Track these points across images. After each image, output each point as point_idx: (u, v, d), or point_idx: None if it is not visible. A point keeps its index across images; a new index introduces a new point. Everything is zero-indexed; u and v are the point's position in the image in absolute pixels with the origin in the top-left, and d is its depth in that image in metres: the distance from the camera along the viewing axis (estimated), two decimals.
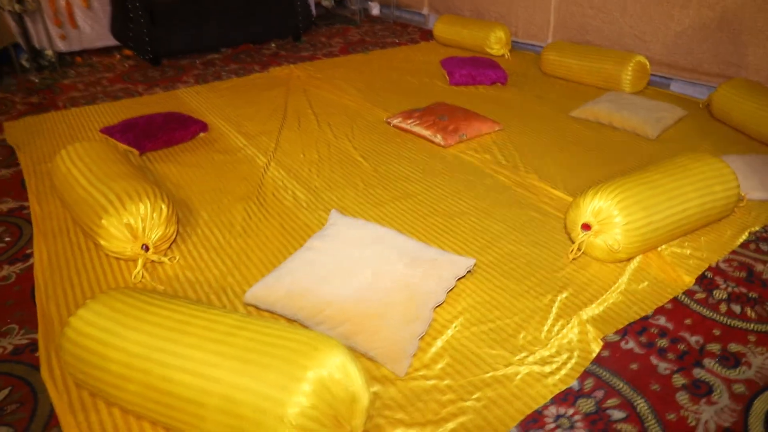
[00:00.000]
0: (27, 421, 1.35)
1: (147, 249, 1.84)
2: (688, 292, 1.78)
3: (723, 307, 1.72)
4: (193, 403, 1.16)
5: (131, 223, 1.81)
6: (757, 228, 2.11)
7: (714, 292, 1.79)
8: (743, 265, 1.92)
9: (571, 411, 1.36)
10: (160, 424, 1.26)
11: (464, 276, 1.76)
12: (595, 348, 1.54)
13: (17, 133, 2.97)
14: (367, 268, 1.61)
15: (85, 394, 1.40)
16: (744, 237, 2.06)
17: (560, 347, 1.54)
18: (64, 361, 1.33)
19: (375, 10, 5.98)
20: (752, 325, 1.65)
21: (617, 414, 1.36)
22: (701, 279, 1.84)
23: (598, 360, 1.51)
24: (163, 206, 1.89)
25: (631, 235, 1.78)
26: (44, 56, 4.04)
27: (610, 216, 1.78)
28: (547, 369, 1.47)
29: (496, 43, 4.26)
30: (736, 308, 1.72)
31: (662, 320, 1.66)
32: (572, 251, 1.87)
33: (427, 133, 2.78)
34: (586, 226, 1.83)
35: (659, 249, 1.95)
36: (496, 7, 4.64)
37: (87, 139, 2.88)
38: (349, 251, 1.70)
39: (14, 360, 1.54)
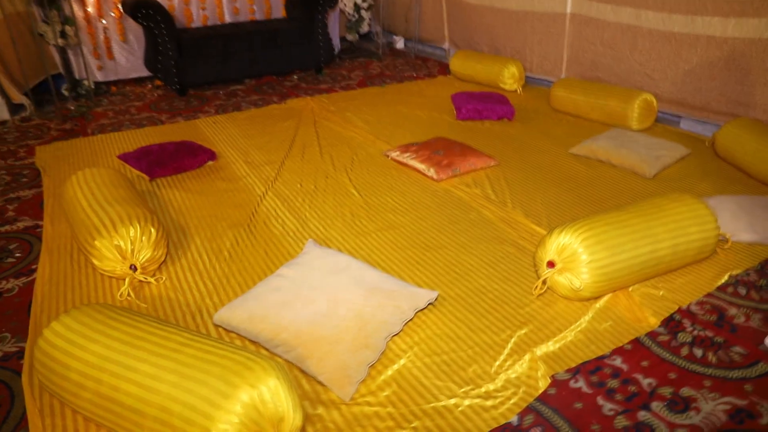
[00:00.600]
0: (0, 422, 1.48)
1: (135, 269, 1.97)
2: (652, 334, 1.78)
3: (684, 351, 1.72)
4: (134, 411, 1.26)
5: (121, 245, 1.95)
6: (738, 271, 2.09)
7: (678, 335, 1.78)
8: (716, 308, 1.91)
9: None
10: (109, 430, 1.36)
11: (425, 308, 1.82)
12: (542, 385, 1.56)
13: (46, 156, 3.22)
14: (325, 296, 1.70)
15: (55, 402, 1.52)
16: (723, 280, 2.04)
17: (507, 382, 1.57)
18: (36, 369, 1.45)
19: (399, 43, 6.16)
20: (710, 370, 1.64)
21: None
22: (668, 321, 1.84)
23: (544, 397, 1.53)
24: (153, 230, 2.03)
25: (594, 274, 1.80)
26: (82, 86, 4.35)
27: (573, 254, 1.82)
28: (490, 403, 1.50)
29: (509, 78, 4.33)
30: (698, 352, 1.71)
31: (618, 361, 1.67)
32: (536, 288, 1.90)
33: (421, 166, 2.86)
34: (551, 264, 1.87)
35: (630, 289, 1.95)
36: (512, 42, 4.72)
37: (106, 164, 3.09)
38: (314, 279, 1.79)
39: (1, 365, 1.68)
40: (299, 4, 4.89)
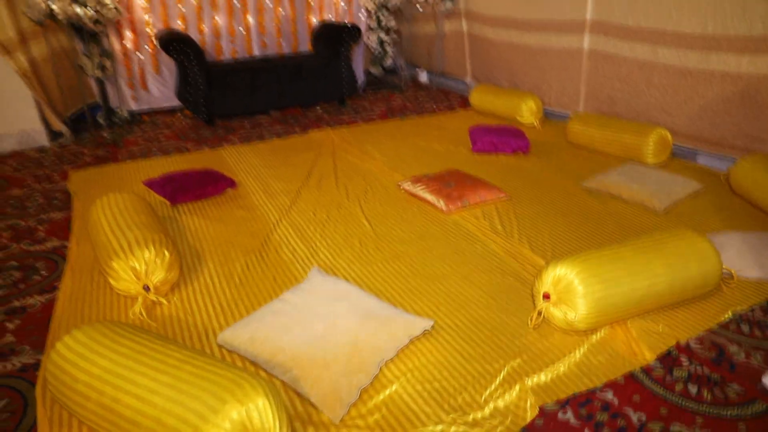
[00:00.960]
0: (12, 429, 1.58)
1: (148, 290, 2.08)
2: (647, 369, 1.79)
3: (679, 386, 1.71)
4: (131, 422, 1.33)
5: (136, 267, 2.06)
6: (743, 308, 2.08)
7: (674, 371, 1.78)
8: (716, 345, 1.90)
9: None
10: None
11: (421, 336, 1.86)
12: (530, 415, 1.58)
13: (78, 181, 3.41)
14: (322, 321, 1.76)
15: (64, 412, 1.61)
16: (726, 316, 2.03)
17: (495, 411, 1.60)
18: (46, 379, 1.55)
19: (423, 77, 6.31)
20: (704, 407, 1.63)
21: None
22: (665, 356, 1.84)
23: (531, 428, 1.55)
24: (167, 253, 2.14)
25: (589, 307, 1.83)
26: (117, 114, 4.60)
27: (568, 286, 1.85)
28: (476, 430, 1.53)
29: (527, 112, 4.40)
30: (693, 389, 1.71)
31: (609, 394, 1.68)
32: (531, 319, 1.93)
33: (431, 198, 2.93)
34: (546, 296, 1.90)
35: (628, 323, 1.96)
36: (530, 77, 4.80)
37: (133, 189, 3.25)
38: (314, 305, 1.86)
39: (19, 376, 1.79)
40: (324, 39, 5.09)
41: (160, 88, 4.89)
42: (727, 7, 3.22)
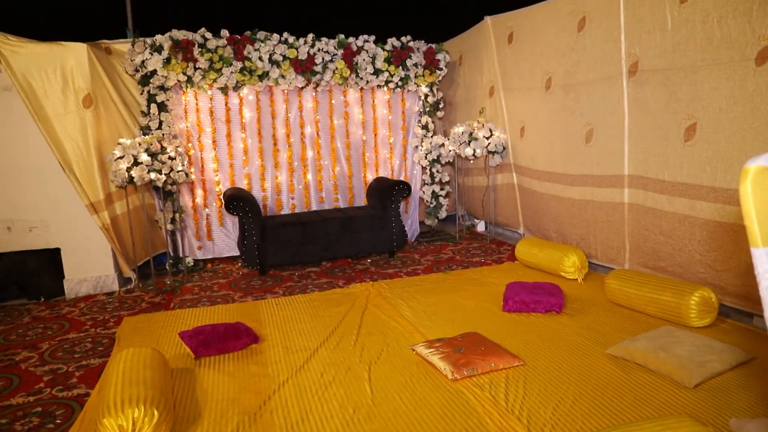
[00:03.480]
0: None
1: None
2: None
3: None
4: None
5: (123, 425, 2.18)
6: None
7: None
8: None
9: None
10: None
11: None
12: None
13: (127, 327, 3.71)
14: None
15: None
16: None
17: None
18: None
19: (480, 226, 6.42)
20: None
21: None
22: None
23: None
24: (156, 413, 2.24)
25: None
26: (183, 262, 5.06)
27: None
28: None
29: (569, 267, 4.30)
30: None
31: None
32: None
33: (440, 364, 2.86)
34: None
35: None
36: (577, 230, 4.75)
37: (170, 338, 3.48)
38: None
39: None
40: (376, 194, 5.43)
41: (224, 239, 5.37)
42: None
